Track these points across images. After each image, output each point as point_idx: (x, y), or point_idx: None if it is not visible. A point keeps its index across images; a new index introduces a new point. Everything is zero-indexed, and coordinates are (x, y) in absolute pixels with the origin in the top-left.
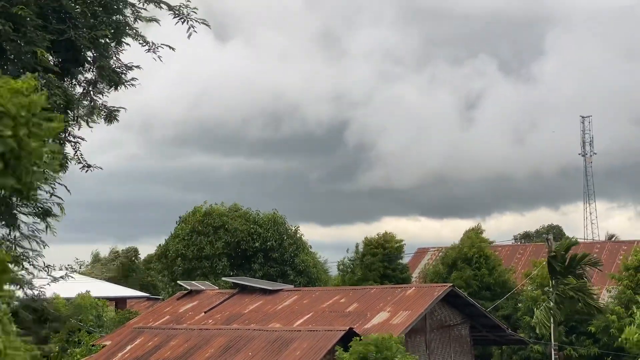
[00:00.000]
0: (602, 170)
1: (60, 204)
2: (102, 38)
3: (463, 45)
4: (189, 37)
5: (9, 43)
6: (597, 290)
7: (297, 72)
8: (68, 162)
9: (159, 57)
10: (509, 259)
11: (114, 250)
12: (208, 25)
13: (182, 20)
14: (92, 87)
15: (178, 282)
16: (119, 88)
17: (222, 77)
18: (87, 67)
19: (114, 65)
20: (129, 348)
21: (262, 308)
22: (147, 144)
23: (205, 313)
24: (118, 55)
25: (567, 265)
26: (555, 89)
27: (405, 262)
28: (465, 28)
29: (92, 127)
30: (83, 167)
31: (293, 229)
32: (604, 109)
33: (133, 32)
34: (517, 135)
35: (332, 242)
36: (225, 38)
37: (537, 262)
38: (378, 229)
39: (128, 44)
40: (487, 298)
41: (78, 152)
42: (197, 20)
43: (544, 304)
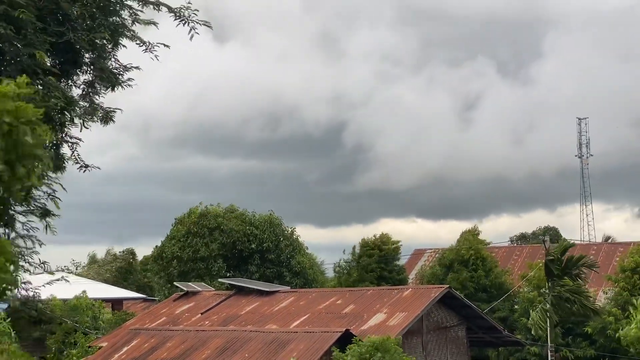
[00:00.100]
0: (599, 172)
1: (54, 198)
2: (100, 40)
3: (461, 47)
4: (191, 38)
5: (9, 46)
6: (593, 292)
7: (295, 73)
8: (65, 162)
9: (156, 56)
10: (506, 261)
11: (111, 252)
12: (210, 27)
13: (183, 23)
14: (90, 88)
15: (174, 283)
16: (116, 89)
17: (220, 78)
18: (84, 68)
19: (111, 67)
20: (126, 349)
21: (258, 309)
22: (145, 145)
23: (202, 314)
24: (115, 56)
25: (563, 267)
26: (553, 91)
27: (402, 263)
28: (464, 30)
29: (87, 127)
30: (80, 167)
31: (289, 230)
32: (602, 111)
33: (130, 33)
34: (515, 137)
35: (328, 243)
36: (224, 39)
37: (533, 264)
38: (375, 231)
39: (125, 46)
40: (483, 300)
41: (75, 152)
42: (198, 22)
43: (540, 306)
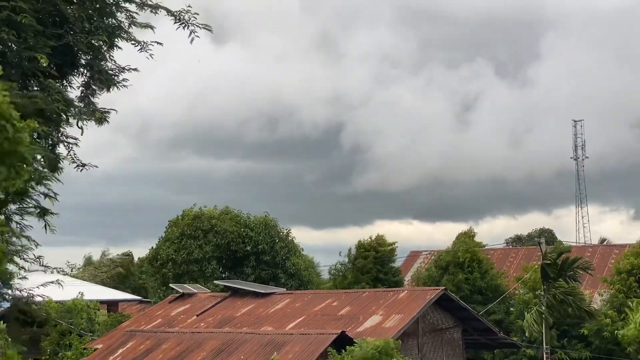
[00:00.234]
0: (596, 174)
1: (50, 197)
2: (97, 42)
3: (460, 48)
4: (192, 42)
5: (10, 50)
6: (588, 294)
7: (294, 74)
8: (60, 161)
9: (151, 55)
10: (501, 263)
11: (107, 254)
12: (210, 30)
13: (183, 26)
14: (87, 89)
15: (170, 285)
16: (111, 89)
17: (219, 79)
18: (81, 70)
19: (107, 68)
20: (121, 351)
21: (254, 311)
22: (143, 146)
23: (197, 316)
24: (112, 57)
25: (559, 270)
26: (551, 92)
27: (398, 265)
28: (462, 31)
29: (82, 127)
30: (77, 166)
31: (284, 232)
32: (600, 112)
33: (126, 35)
34: (512, 139)
35: (324, 245)
36: (223, 40)
37: (527, 267)
38: (370, 232)
39: (120, 48)
40: (479, 302)
41: (71, 152)
42: (198, 26)
43: (536, 308)
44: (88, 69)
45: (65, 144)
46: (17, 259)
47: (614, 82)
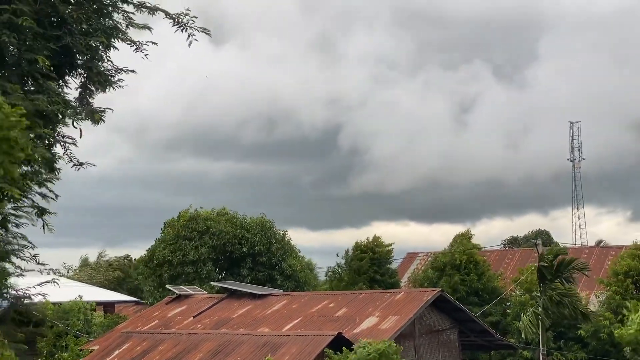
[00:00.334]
0: (594, 175)
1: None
2: (95, 43)
3: (458, 50)
4: (190, 45)
5: (10, 52)
6: (585, 296)
7: (292, 75)
8: (57, 161)
9: (146, 55)
10: (498, 264)
11: (104, 255)
12: (209, 34)
13: (181, 29)
14: (86, 90)
15: (167, 286)
16: (108, 90)
17: (217, 80)
18: (79, 71)
19: (104, 68)
20: (117, 353)
21: (251, 313)
22: (141, 147)
23: (194, 318)
24: (109, 58)
25: (555, 271)
26: (548, 94)
27: (394, 267)
28: (460, 33)
29: (79, 127)
30: (74, 165)
31: (281, 233)
32: (597, 114)
33: (122, 35)
34: (510, 140)
35: (320, 246)
36: (221, 42)
37: (523, 269)
38: (367, 234)
39: (117, 48)
40: (475, 303)
41: (68, 151)
42: (197, 29)
43: (532, 309)
44: (85, 70)
45: (62, 144)
46: (13, 258)
47: (611, 83)
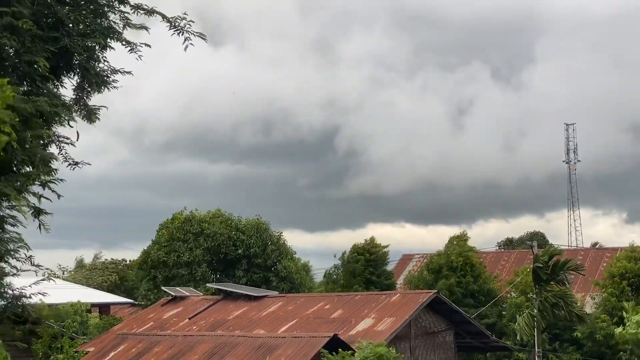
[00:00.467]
0: (589, 177)
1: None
2: (92, 43)
3: (455, 52)
4: (185, 49)
5: (10, 54)
6: (580, 297)
7: (289, 77)
8: (52, 161)
9: (140, 56)
10: (493, 266)
11: (99, 257)
12: (204, 39)
13: (178, 33)
14: (83, 92)
15: (163, 288)
16: (103, 90)
17: (214, 82)
18: (77, 71)
19: (100, 69)
20: (113, 354)
21: (246, 314)
22: (138, 149)
23: (190, 319)
24: (105, 59)
25: (550, 272)
26: (545, 96)
27: (390, 268)
28: (458, 35)
29: (74, 127)
30: (69, 165)
31: (276, 235)
32: (593, 116)
33: (118, 36)
34: (506, 142)
35: (316, 248)
36: (219, 43)
37: (518, 271)
38: (363, 236)
39: (113, 48)
40: (471, 305)
41: (63, 150)
42: (193, 34)
43: (527, 311)
44: (82, 70)
45: (57, 144)
46: (9, 259)
47: (608, 85)
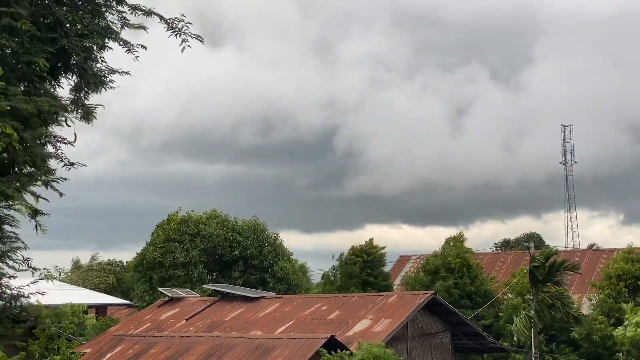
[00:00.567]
0: (587, 179)
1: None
2: (89, 44)
3: (454, 53)
4: (182, 50)
5: (9, 55)
6: (577, 298)
7: (289, 78)
8: (51, 159)
9: (137, 57)
10: (490, 267)
11: (96, 257)
12: (202, 41)
13: (175, 34)
14: (81, 92)
15: (159, 289)
16: (100, 90)
17: (213, 83)
18: (75, 70)
19: (97, 69)
20: (109, 356)
21: (243, 315)
22: (136, 150)
23: (187, 320)
24: (103, 59)
25: (547, 273)
26: (544, 97)
27: (387, 269)
28: (457, 35)
29: (72, 128)
30: (65, 165)
31: (273, 236)
32: (591, 117)
33: (115, 36)
34: (505, 143)
35: (313, 249)
36: (219, 44)
37: (515, 272)
38: (360, 236)
39: (111, 48)
40: (467, 306)
41: (59, 150)
42: (191, 35)
43: (524, 312)
44: (79, 71)
45: (53, 144)
46: (7, 260)
47: (607, 86)
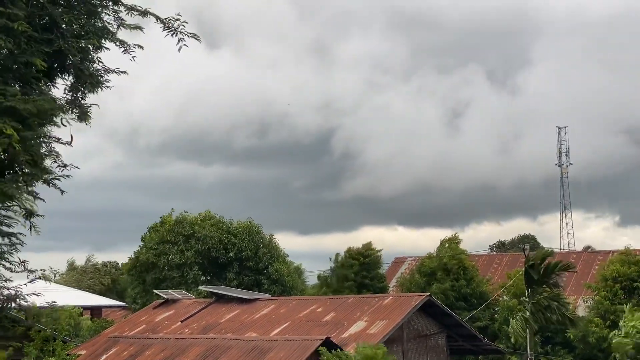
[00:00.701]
0: (583, 180)
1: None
2: (86, 45)
3: (451, 55)
4: (179, 50)
5: (6, 55)
6: (572, 300)
7: (286, 80)
8: (42, 160)
9: (133, 57)
10: (486, 269)
11: (92, 260)
12: (198, 40)
13: (172, 34)
14: (79, 93)
15: (154, 291)
16: (97, 91)
17: (211, 84)
18: (71, 71)
19: (94, 69)
20: (104, 357)
21: (238, 317)
22: (132, 152)
23: (182, 322)
24: (99, 59)
25: (542, 274)
26: (540, 99)
27: (383, 271)
28: (454, 37)
29: (66, 125)
30: (58, 166)
31: (268, 237)
32: (587, 119)
33: (111, 36)
34: (501, 145)
35: (309, 251)
36: (216, 45)
37: (511, 274)
38: (356, 238)
39: (108, 48)
40: (463, 308)
41: (53, 151)
42: (187, 35)
43: (520, 314)
44: (76, 71)
45: (47, 144)
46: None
47: (603, 88)
